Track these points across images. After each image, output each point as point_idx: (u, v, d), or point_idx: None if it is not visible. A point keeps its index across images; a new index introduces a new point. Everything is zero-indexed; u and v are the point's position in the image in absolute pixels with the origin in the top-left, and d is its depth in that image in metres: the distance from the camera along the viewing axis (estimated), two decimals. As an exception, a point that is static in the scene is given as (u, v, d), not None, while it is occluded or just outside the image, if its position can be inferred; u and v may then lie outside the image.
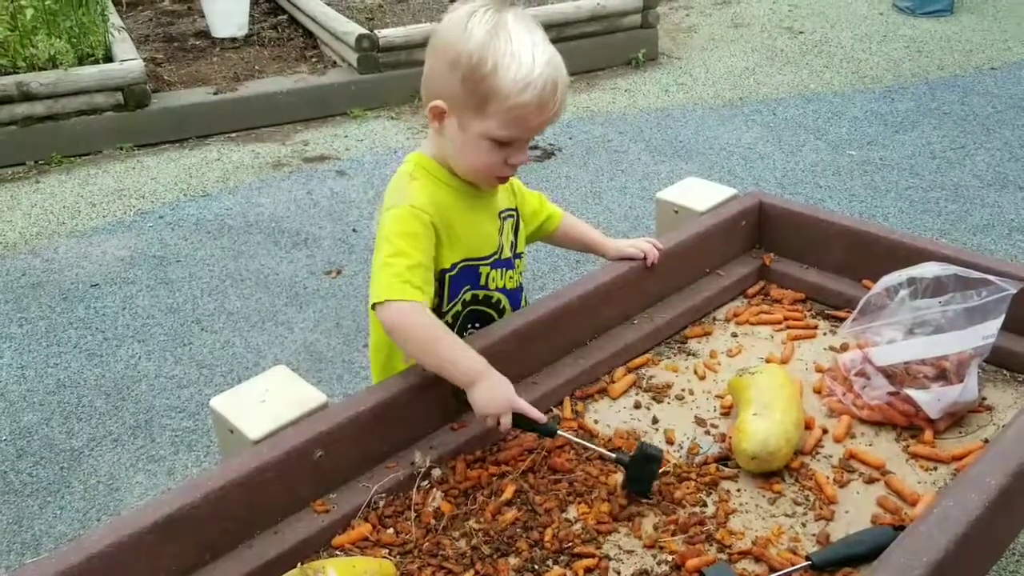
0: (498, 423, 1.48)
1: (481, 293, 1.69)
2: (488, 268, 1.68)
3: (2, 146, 4.77)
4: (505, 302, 1.75)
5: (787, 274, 2.06)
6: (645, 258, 1.88)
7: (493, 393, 1.47)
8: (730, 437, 1.57)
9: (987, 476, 1.28)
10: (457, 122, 1.53)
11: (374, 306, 1.51)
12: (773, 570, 1.34)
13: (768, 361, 1.82)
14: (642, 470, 1.47)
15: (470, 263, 1.65)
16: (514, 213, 1.76)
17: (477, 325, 1.72)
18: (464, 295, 1.67)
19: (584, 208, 4.21)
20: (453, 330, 1.64)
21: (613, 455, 1.50)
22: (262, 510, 1.38)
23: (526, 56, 1.46)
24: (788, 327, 1.93)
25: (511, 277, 1.74)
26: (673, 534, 1.41)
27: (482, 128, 1.51)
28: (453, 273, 1.63)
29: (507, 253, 1.72)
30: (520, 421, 1.50)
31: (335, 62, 5.84)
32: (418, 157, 1.64)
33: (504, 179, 1.64)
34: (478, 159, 1.55)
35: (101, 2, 5.45)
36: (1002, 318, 1.60)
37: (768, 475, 1.52)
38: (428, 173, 1.61)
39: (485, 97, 1.47)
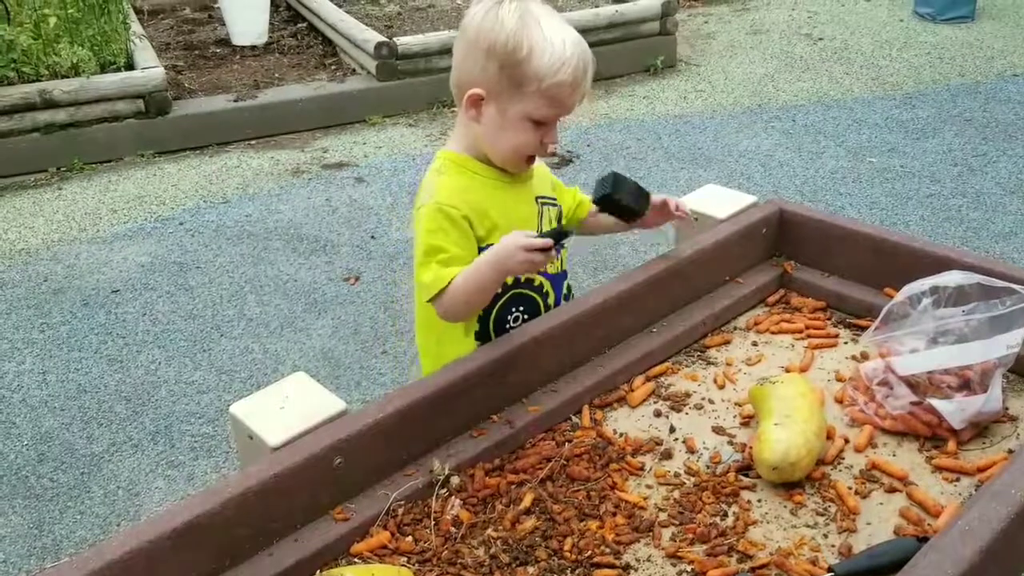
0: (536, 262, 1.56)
1: (523, 276, 1.73)
2: None
3: (25, 153, 4.81)
4: (548, 286, 1.80)
5: (808, 282, 2.04)
6: (677, 208, 1.89)
7: (510, 257, 1.54)
8: (751, 447, 1.56)
9: (1012, 488, 1.26)
10: (495, 107, 1.63)
11: (429, 301, 1.63)
12: (794, 581, 1.33)
13: (788, 370, 1.80)
14: (619, 193, 1.66)
15: None
16: (554, 201, 1.83)
17: (521, 308, 1.76)
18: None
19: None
20: (495, 313, 1.74)
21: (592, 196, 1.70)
22: (281, 517, 1.38)
23: (557, 39, 1.58)
24: (809, 336, 1.91)
25: (552, 261, 1.76)
26: (692, 544, 1.40)
27: (521, 109, 1.61)
28: None
29: None
30: (549, 239, 1.55)
31: (354, 69, 5.86)
32: (445, 153, 1.73)
33: (533, 159, 1.72)
34: (516, 139, 1.64)
35: (123, 10, 5.50)
36: (1027, 327, 1.58)
37: (789, 485, 1.51)
38: (456, 166, 1.70)
39: (522, 80, 1.58)
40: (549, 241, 1.54)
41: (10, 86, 4.80)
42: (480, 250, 1.69)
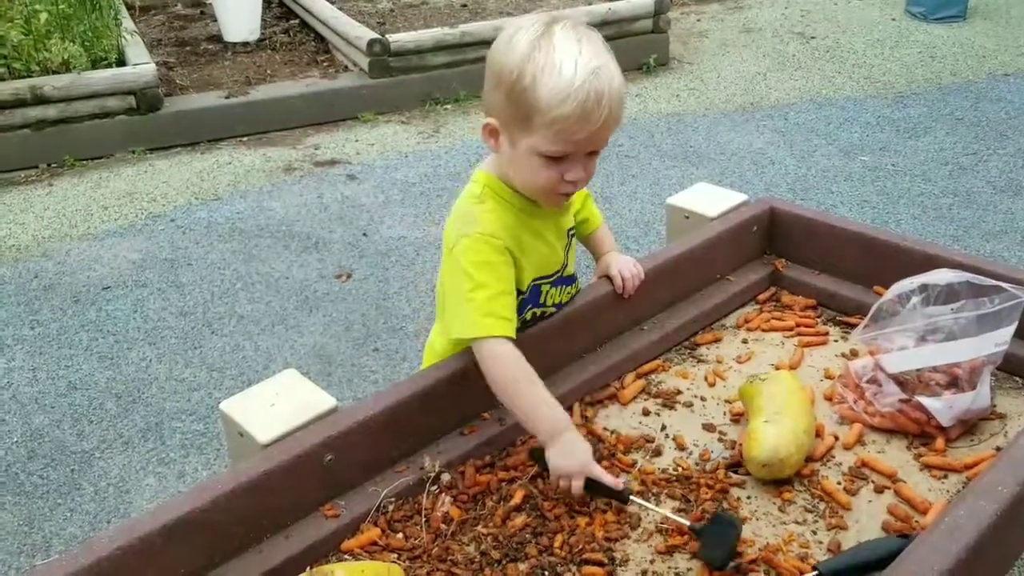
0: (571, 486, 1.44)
1: (539, 311, 1.69)
2: (549, 286, 1.68)
3: (15, 149, 4.79)
4: None
5: (798, 280, 2.05)
6: (623, 289, 1.81)
7: (569, 457, 1.43)
8: (740, 444, 1.57)
9: (999, 485, 1.27)
10: (507, 139, 1.51)
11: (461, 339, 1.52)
12: (783, 578, 1.33)
13: (778, 368, 1.81)
14: (717, 539, 1.37)
15: (537, 282, 1.65)
16: (574, 230, 1.74)
17: None
18: (525, 314, 1.66)
19: (594, 213, 4.21)
20: None
21: (687, 523, 1.41)
22: (272, 514, 1.38)
23: (567, 67, 1.40)
24: (799, 333, 1.92)
25: (568, 292, 1.74)
26: (682, 540, 1.41)
27: (530, 144, 1.46)
28: (525, 295, 1.63)
29: (571, 269, 1.73)
30: (592, 485, 1.44)
31: (347, 66, 5.85)
32: (486, 177, 1.60)
33: (566, 196, 1.58)
34: (533, 176, 1.51)
35: (114, 6, 5.48)
36: (1015, 325, 1.59)
37: (779, 482, 1.51)
38: (495, 194, 1.58)
39: (528, 112, 1.43)
40: (613, 485, 1.43)
41: (0, 82, 4.78)
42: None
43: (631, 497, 1.45)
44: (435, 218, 4.19)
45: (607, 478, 1.44)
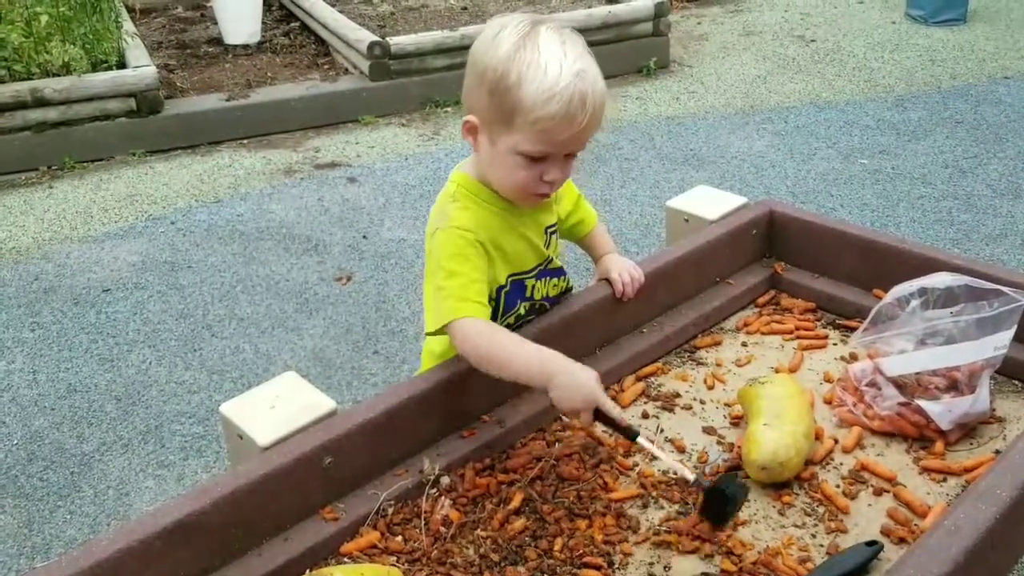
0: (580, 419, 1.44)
1: (528, 304, 1.71)
2: (533, 280, 1.69)
3: (16, 151, 4.80)
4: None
5: (798, 283, 2.05)
6: (623, 292, 1.82)
7: (571, 393, 1.43)
8: (739, 447, 1.57)
9: (998, 488, 1.27)
10: (488, 137, 1.52)
11: (436, 332, 1.53)
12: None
13: (778, 371, 1.81)
14: (722, 502, 1.41)
15: (517, 277, 1.66)
16: (556, 227, 1.75)
17: None
18: (518, 309, 1.68)
19: (594, 216, 4.20)
20: None
21: (693, 477, 1.43)
22: (271, 517, 1.38)
23: (553, 67, 1.42)
24: (798, 337, 1.92)
25: (555, 285, 1.75)
26: (681, 543, 1.41)
27: (511, 143, 1.47)
28: (507, 289, 1.64)
29: (557, 263, 1.74)
30: (602, 419, 1.45)
31: (347, 69, 5.86)
32: (461, 177, 1.63)
33: (543, 196, 1.58)
34: (511, 175, 1.52)
35: (115, 9, 5.49)
36: (1014, 329, 1.59)
37: (778, 486, 1.51)
38: (470, 194, 1.60)
39: (511, 111, 1.44)
40: (619, 419, 1.43)
41: (1, 84, 4.79)
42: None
43: (639, 439, 1.44)
44: (435, 221, 4.18)
45: (614, 412, 1.43)
